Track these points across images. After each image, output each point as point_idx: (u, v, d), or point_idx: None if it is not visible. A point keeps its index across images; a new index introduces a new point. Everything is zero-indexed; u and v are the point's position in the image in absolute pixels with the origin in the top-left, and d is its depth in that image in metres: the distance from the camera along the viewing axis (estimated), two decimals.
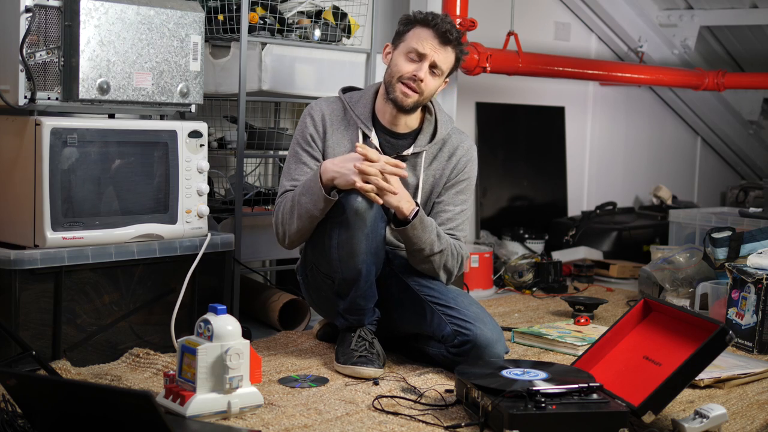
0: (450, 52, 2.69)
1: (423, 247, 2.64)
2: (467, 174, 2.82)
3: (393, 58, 2.72)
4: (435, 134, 2.79)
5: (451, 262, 2.71)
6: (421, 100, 2.70)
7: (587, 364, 2.45)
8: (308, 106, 2.81)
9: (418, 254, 2.67)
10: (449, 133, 2.82)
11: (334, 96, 2.86)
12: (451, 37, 2.66)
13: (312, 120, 2.77)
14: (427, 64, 2.66)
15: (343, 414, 2.27)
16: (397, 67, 2.69)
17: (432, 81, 2.68)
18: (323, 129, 2.76)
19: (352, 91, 2.86)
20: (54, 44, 2.55)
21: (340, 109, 2.80)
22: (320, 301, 2.84)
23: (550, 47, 5.06)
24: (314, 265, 2.73)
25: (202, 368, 2.16)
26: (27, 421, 1.94)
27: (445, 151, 2.81)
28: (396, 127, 2.77)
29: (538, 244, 4.77)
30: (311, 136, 2.75)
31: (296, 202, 2.61)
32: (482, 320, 2.61)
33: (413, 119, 2.79)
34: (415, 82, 2.65)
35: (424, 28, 2.67)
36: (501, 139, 5.03)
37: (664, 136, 6.14)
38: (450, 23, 2.68)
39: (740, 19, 5.48)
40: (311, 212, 2.58)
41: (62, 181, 2.54)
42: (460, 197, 2.80)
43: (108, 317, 2.68)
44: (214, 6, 3.17)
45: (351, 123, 2.78)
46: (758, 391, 2.60)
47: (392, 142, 2.78)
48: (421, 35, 2.67)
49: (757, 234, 3.41)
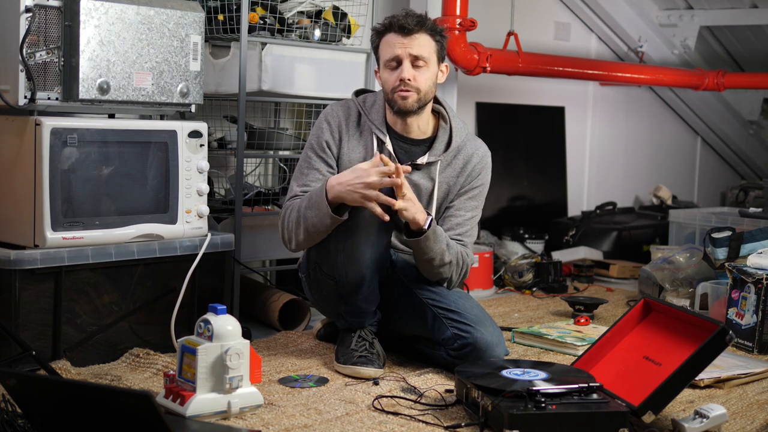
0: (421, 37, 2.65)
1: (433, 257, 2.64)
2: (481, 181, 2.82)
3: (381, 77, 2.73)
4: (450, 143, 2.78)
5: (456, 273, 2.72)
6: (423, 96, 2.68)
7: (587, 364, 2.45)
8: (324, 111, 2.80)
9: (426, 264, 2.67)
10: (464, 141, 2.81)
11: (347, 99, 2.84)
12: (409, 25, 2.64)
13: (329, 126, 2.76)
14: (406, 63, 2.65)
15: (343, 414, 2.27)
16: (386, 83, 2.69)
17: (421, 74, 2.66)
18: (339, 136, 2.75)
19: (365, 94, 2.85)
20: (54, 44, 2.55)
21: (355, 114, 2.78)
22: (322, 300, 2.83)
23: (550, 47, 5.06)
24: (317, 264, 2.73)
25: (202, 368, 2.16)
26: (27, 421, 1.94)
27: (460, 159, 2.80)
28: (410, 133, 2.76)
29: (538, 244, 4.77)
30: (327, 143, 2.74)
31: (302, 215, 2.60)
32: (482, 323, 2.61)
33: (426, 124, 2.78)
34: (405, 85, 2.65)
35: (386, 35, 2.68)
36: (501, 139, 5.02)
37: (664, 136, 6.13)
38: (407, 14, 2.67)
39: (740, 19, 5.48)
40: (318, 228, 2.58)
41: (62, 181, 2.54)
42: (471, 203, 2.80)
43: (108, 317, 2.68)
44: (214, 6, 3.17)
45: (366, 129, 2.76)
46: (758, 391, 2.60)
47: (406, 149, 2.77)
48: (387, 42, 2.67)
49: (757, 234, 3.41)
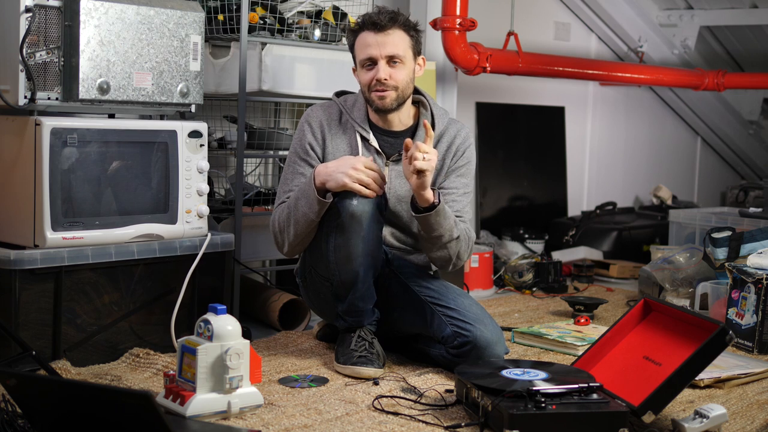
0: (395, 33, 2.67)
1: (443, 233, 2.62)
2: (467, 158, 2.83)
3: (358, 75, 2.74)
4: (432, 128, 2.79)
5: (465, 247, 2.70)
6: (400, 94, 2.70)
7: (587, 364, 2.45)
8: (305, 114, 2.81)
9: (436, 241, 2.64)
10: (446, 126, 2.83)
11: (328, 101, 2.86)
12: (381, 22, 2.65)
13: (310, 128, 2.77)
14: (382, 63, 2.66)
15: (343, 414, 2.27)
16: (362, 81, 2.72)
17: (398, 72, 2.67)
18: (322, 136, 2.76)
19: (345, 95, 2.87)
20: (54, 44, 2.55)
21: (336, 114, 2.80)
22: (319, 303, 2.84)
23: (550, 47, 5.06)
24: (312, 267, 2.73)
25: (202, 368, 2.16)
26: (27, 421, 1.94)
27: (444, 141, 2.81)
28: (392, 126, 2.78)
29: (538, 244, 4.77)
30: (310, 145, 2.75)
31: (292, 207, 2.62)
32: (482, 321, 2.61)
33: (406, 115, 2.79)
34: (381, 84, 2.66)
35: (361, 33, 2.69)
36: (501, 139, 5.03)
37: (664, 136, 6.14)
38: (379, 11, 2.69)
39: (740, 19, 5.48)
40: (307, 215, 2.58)
41: (62, 181, 2.54)
42: (461, 180, 2.81)
43: (108, 317, 2.68)
44: (214, 6, 3.17)
45: (348, 127, 2.78)
46: (758, 391, 2.60)
47: (390, 142, 2.78)
48: (362, 41, 2.69)
49: (757, 234, 3.41)
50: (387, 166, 2.78)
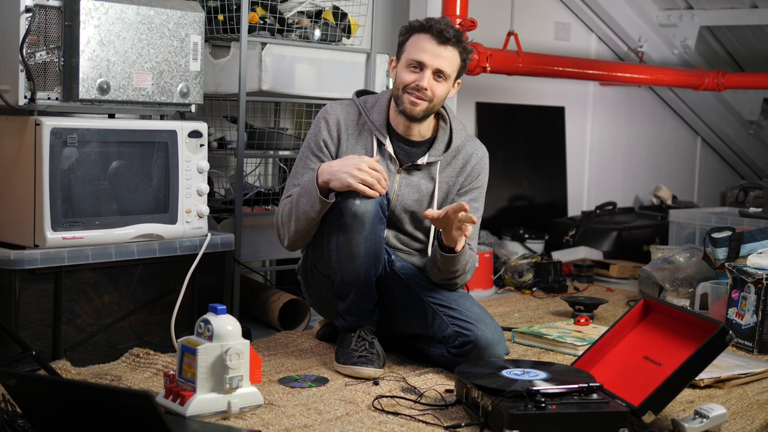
0: (451, 52, 2.67)
1: (458, 269, 2.66)
2: (480, 182, 2.83)
3: (397, 71, 2.71)
4: (450, 143, 2.79)
5: (469, 276, 2.75)
6: (431, 107, 2.69)
7: (587, 364, 2.45)
8: (323, 109, 2.79)
9: (450, 274, 2.68)
10: (464, 141, 2.82)
11: (348, 99, 2.84)
12: (448, 35, 2.64)
13: (327, 124, 2.75)
14: (429, 72, 2.64)
15: (343, 414, 2.27)
16: (400, 79, 2.68)
17: (439, 87, 2.67)
18: (338, 134, 2.75)
19: (366, 95, 2.85)
20: (54, 44, 2.55)
21: (355, 114, 2.78)
22: (320, 302, 2.84)
23: (550, 47, 5.06)
24: (314, 265, 2.74)
25: (202, 368, 2.16)
26: (27, 421, 1.94)
27: (459, 159, 2.80)
28: (410, 135, 2.77)
29: (538, 244, 4.77)
30: (324, 142, 2.74)
31: (295, 203, 2.62)
32: (483, 321, 2.61)
33: (426, 128, 2.78)
34: (420, 91, 2.65)
35: (421, 34, 2.67)
36: (501, 139, 5.02)
37: (664, 136, 6.13)
38: (446, 23, 2.67)
39: (740, 19, 5.48)
40: (308, 214, 2.58)
41: (62, 181, 2.54)
42: (473, 205, 2.79)
43: (108, 317, 2.68)
44: (214, 6, 3.17)
45: (365, 129, 2.76)
46: (758, 391, 2.60)
47: (406, 150, 2.77)
48: (419, 42, 2.66)
49: (757, 234, 3.41)
50: (399, 173, 2.77)
